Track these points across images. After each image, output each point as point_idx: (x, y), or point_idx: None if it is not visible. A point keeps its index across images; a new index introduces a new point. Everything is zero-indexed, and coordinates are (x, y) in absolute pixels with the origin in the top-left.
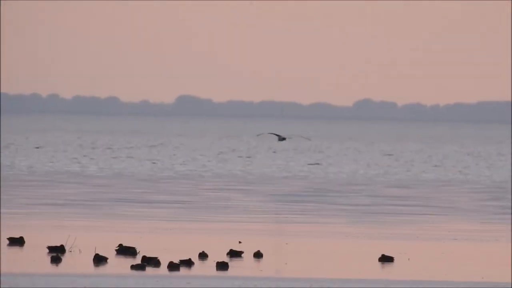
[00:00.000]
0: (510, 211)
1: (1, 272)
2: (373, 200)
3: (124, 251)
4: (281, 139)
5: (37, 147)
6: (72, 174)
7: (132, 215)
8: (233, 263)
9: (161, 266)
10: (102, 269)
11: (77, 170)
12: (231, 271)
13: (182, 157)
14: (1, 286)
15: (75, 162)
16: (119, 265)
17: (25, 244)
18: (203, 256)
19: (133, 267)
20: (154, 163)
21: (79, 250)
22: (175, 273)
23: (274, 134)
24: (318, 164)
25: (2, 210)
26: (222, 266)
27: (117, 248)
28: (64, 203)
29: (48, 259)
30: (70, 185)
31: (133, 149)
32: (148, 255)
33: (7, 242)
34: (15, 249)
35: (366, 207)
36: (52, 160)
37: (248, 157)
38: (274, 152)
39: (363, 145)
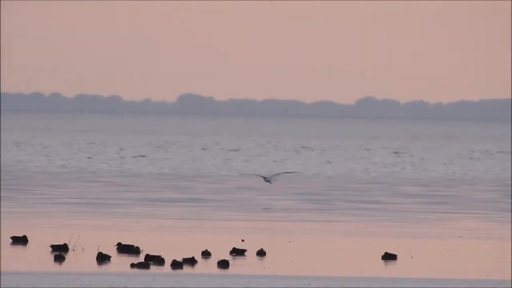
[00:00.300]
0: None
1: (5, 271)
2: (380, 198)
3: (124, 249)
4: (267, 180)
5: (45, 147)
6: (82, 173)
7: (137, 213)
8: (236, 261)
9: (165, 264)
10: (106, 268)
11: (86, 169)
12: (234, 270)
13: (191, 155)
14: (2, 286)
15: (84, 161)
16: (123, 264)
17: (28, 243)
18: (206, 254)
19: (137, 265)
20: (162, 161)
21: (82, 248)
22: (178, 271)
23: (260, 176)
24: (329, 162)
25: (7, 210)
26: (223, 264)
27: (116, 246)
28: (70, 202)
29: (52, 257)
30: (79, 184)
31: (141, 147)
32: (151, 254)
33: (11, 240)
34: (19, 248)
35: (372, 205)
36: (63, 158)
37: (259, 155)
38: (285, 151)
39: (369, 143)
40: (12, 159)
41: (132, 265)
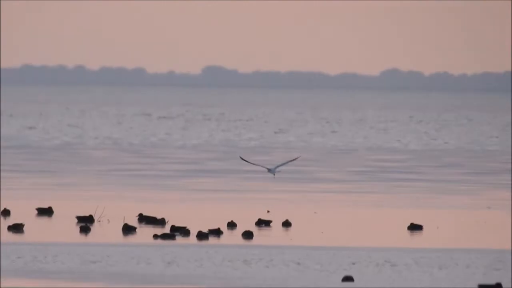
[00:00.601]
0: None
1: (30, 241)
2: (410, 169)
3: (150, 220)
4: (270, 172)
5: (78, 118)
6: (113, 144)
7: (164, 185)
8: (261, 232)
9: (190, 235)
10: (131, 239)
11: (117, 139)
12: (259, 240)
13: (222, 127)
14: (28, 256)
15: (115, 132)
16: (148, 235)
17: (53, 214)
18: (231, 225)
19: (162, 236)
20: (194, 133)
21: (108, 220)
22: (204, 242)
23: (263, 166)
24: (360, 133)
25: (33, 181)
26: (247, 235)
27: (137, 217)
28: (98, 173)
29: (77, 229)
30: (109, 155)
31: (172, 119)
32: (177, 225)
33: (36, 212)
34: (44, 219)
35: (401, 175)
36: (94, 130)
37: (291, 127)
38: (328, 122)
39: (398, 115)
40: (42, 130)
41: (155, 236)
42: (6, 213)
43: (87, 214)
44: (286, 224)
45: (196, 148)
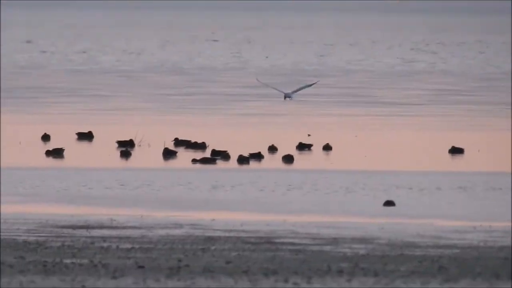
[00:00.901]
0: None
1: (71, 166)
2: (459, 91)
3: (188, 145)
4: (287, 96)
5: (122, 42)
6: (160, 67)
7: (206, 109)
8: (302, 156)
9: (231, 159)
10: (172, 163)
11: (166, 61)
12: (300, 164)
13: (272, 51)
14: (70, 181)
15: (163, 55)
16: (188, 159)
17: (94, 139)
18: (272, 149)
19: (203, 160)
20: (250, 57)
21: (148, 144)
22: (244, 166)
23: (279, 90)
24: (408, 56)
25: (75, 105)
26: (288, 159)
27: (173, 141)
28: (140, 97)
29: (118, 153)
30: (153, 79)
31: (223, 41)
32: (217, 149)
33: (76, 136)
34: (84, 144)
35: (446, 97)
36: (142, 53)
37: (344, 49)
38: (374, 43)
39: (443, 38)
40: (88, 54)
41: (195, 161)
42: (46, 137)
43: (128, 139)
44: (327, 148)
45: (241, 71)
